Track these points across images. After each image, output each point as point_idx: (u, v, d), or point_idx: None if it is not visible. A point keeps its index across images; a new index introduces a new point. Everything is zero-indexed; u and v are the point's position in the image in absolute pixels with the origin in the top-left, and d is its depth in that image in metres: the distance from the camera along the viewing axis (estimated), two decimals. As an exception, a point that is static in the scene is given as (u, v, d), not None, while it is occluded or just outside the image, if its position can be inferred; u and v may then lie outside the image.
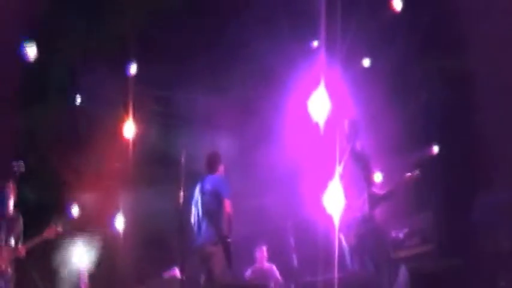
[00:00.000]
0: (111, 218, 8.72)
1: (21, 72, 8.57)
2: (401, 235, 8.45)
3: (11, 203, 7.51)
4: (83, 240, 8.70)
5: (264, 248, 9.37)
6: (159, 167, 9.31)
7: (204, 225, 7.38)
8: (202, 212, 7.42)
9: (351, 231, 6.89)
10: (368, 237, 6.85)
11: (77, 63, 8.97)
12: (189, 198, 7.46)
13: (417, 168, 6.99)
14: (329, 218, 7.11)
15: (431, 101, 8.97)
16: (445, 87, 8.65)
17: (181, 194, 6.73)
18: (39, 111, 9.16)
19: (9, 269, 7.36)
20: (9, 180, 7.51)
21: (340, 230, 6.82)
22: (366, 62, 9.29)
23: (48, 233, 7.52)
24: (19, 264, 7.49)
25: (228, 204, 7.30)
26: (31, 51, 8.46)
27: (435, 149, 8.98)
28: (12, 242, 7.43)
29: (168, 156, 8.26)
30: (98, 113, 9.46)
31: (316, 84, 8.24)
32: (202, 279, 7.45)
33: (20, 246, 7.44)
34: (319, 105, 8.26)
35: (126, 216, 9.55)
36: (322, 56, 8.14)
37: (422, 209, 8.68)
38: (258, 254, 9.37)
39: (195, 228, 7.52)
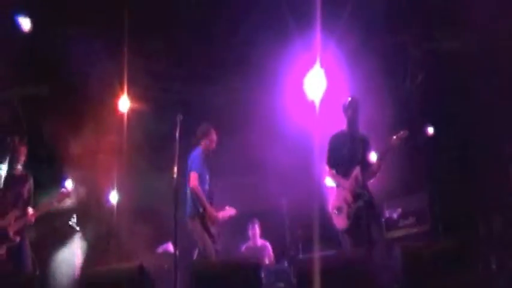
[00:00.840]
0: (106, 193, 8.60)
1: (15, 44, 8.44)
2: (395, 215, 8.49)
3: (20, 161, 7.14)
4: (77, 216, 8.57)
5: (257, 225, 9.41)
6: (154, 141, 9.33)
7: (186, 200, 7.34)
8: (186, 186, 7.36)
9: (342, 212, 6.87)
10: (361, 216, 6.80)
11: (71, 35, 8.78)
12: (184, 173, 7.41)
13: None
14: (323, 196, 7.36)
15: (427, 82, 8.93)
16: (442, 68, 8.61)
17: (175, 168, 6.55)
18: (33, 83, 9.11)
19: (17, 237, 6.95)
20: (18, 136, 7.23)
21: (332, 211, 6.91)
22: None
23: (59, 200, 7.13)
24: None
25: (191, 178, 7.12)
26: (25, 23, 8.29)
27: (430, 130, 8.96)
28: (21, 205, 7.02)
29: (163, 131, 8.14)
30: (92, 87, 9.33)
31: (312, 62, 8.47)
32: (196, 254, 7.51)
33: (29, 210, 7.02)
34: (315, 83, 8.53)
35: (120, 191, 9.65)
36: (318, 34, 8.16)
37: (417, 189, 8.70)
38: (250, 231, 9.44)
39: None
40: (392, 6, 8.48)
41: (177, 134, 6.58)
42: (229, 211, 7.42)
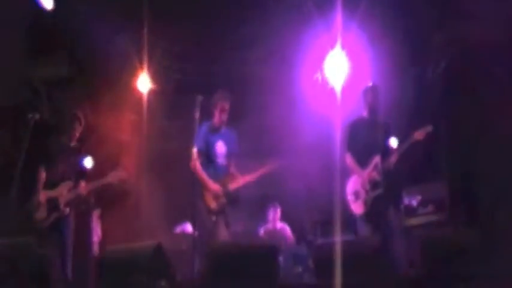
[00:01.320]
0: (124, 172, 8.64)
1: (35, 22, 8.48)
2: (414, 202, 8.38)
3: (77, 133, 7.12)
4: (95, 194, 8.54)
5: (279, 209, 9.35)
6: (174, 121, 9.31)
7: None
8: None
9: (359, 198, 6.89)
10: (380, 204, 6.83)
11: (90, 14, 8.76)
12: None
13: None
14: (342, 181, 7.33)
15: (450, 69, 8.82)
16: (465, 57, 8.49)
17: (195, 150, 6.50)
18: (54, 62, 9.12)
19: (67, 209, 6.92)
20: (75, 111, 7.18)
21: (348, 197, 6.96)
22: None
23: (113, 177, 7.04)
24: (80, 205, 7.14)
25: (192, 154, 6.69)
26: (47, 1, 8.22)
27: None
28: (73, 178, 6.98)
29: (182, 111, 8.05)
30: (112, 66, 9.34)
31: (332, 45, 8.45)
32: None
33: (81, 183, 6.97)
34: (336, 68, 8.51)
35: (138, 171, 9.46)
36: (338, 16, 8.07)
37: (437, 177, 8.65)
38: (271, 214, 9.35)
39: None
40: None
41: (197, 116, 6.50)
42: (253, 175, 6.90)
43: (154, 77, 9.26)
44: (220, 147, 6.86)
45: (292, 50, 8.90)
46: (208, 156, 6.76)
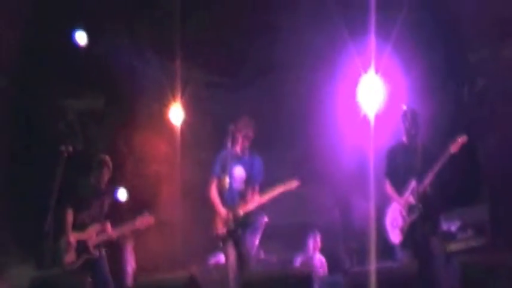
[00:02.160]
0: (158, 203, 8.59)
1: (70, 57, 8.57)
2: (453, 228, 8.23)
3: (106, 177, 7.18)
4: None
5: (318, 237, 9.11)
6: (208, 151, 9.05)
7: None
8: None
9: (397, 226, 6.72)
10: (417, 230, 6.65)
11: (123, 45, 8.92)
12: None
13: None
14: (377, 207, 7.23)
15: (487, 88, 8.59)
16: (501, 76, 8.28)
17: (227, 179, 6.44)
18: (88, 94, 9.23)
19: (97, 252, 6.99)
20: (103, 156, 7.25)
21: (386, 224, 6.77)
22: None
23: (140, 223, 7.08)
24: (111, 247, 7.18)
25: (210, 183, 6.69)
26: (81, 37, 8.43)
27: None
28: (102, 219, 7.05)
29: (216, 140, 8.10)
30: (145, 97, 9.43)
31: (365, 69, 8.28)
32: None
33: (108, 227, 7.05)
34: (370, 92, 8.36)
35: (172, 200, 9.48)
36: (372, 38, 7.94)
37: (476, 201, 8.42)
38: (311, 243, 9.13)
39: None
40: (454, 10, 8.26)
41: (228, 144, 6.45)
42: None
43: (188, 108, 9.35)
44: (239, 173, 6.70)
45: (325, 75, 8.82)
46: (226, 181, 6.60)
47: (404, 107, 6.87)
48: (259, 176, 6.71)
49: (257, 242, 7.21)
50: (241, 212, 6.51)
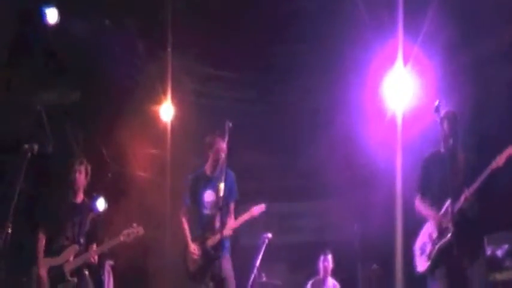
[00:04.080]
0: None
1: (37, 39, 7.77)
2: (499, 253, 7.43)
3: (80, 185, 6.49)
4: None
5: (330, 257, 8.55)
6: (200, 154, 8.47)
7: None
8: None
9: (425, 251, 6.10)
10: (449, 254, 5.81)
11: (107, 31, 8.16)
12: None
13: None
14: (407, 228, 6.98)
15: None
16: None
17: (222, 185, 5.87)
18: (61, 85, 8.35)
19: (74, 278, 6.31)
20: (79, 156, 6.80)
21: (414, 249, 6.19)
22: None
23: (127, 236, 6.47)
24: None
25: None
26: (52, 14, 7.50)
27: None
28: (82, 241, 6.42)
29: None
30: (131, 92, 8.72)
31: (392, 62, 7.72)
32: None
33: (92, 247, 6.42)
34: (397, 88, 7.74)
35: (160, 212, 8.87)
36: (399, 28, 7.49)
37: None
38: (322, 263, 8.55)
39: None
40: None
41: (225, 145, 5.94)
42: (251, 213, 6.60)
43: (181, 104, 8.82)
44: (208, 197, 6.57)
45: (347, 74, 8.22)
46: (196, 208, 6.57)
47: (440, 108, 6.02)
48: (232, 196, 6.55)
49: (258, 263, 7.32)
50: (210, 243, 6.42)
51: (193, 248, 6.41)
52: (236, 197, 6.55)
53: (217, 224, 6.35)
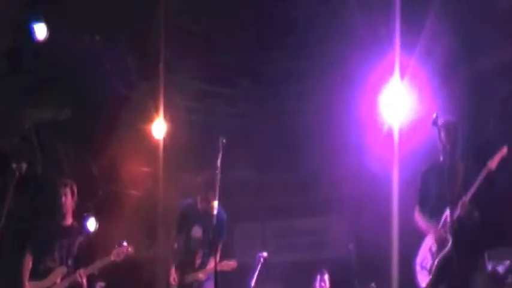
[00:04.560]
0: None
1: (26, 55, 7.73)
2: (501, 269, 7.19)
3: (67, 208, 6.39)
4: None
5: (326, 277, 8.31)
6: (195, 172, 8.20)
7: None
8: None
9: (425, 266, 5.97)
10: (448, 267, 5.66)
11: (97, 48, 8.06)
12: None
13: None
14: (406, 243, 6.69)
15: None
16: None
17: (215, 203, 5.63)
18: (50, 103, 8.28)
19: None
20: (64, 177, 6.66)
21: (415, 264, 6.04)
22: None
23: (116, 255, 6.34)
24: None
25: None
26: (40, 30, 7.38)
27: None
28: (70, 262, 6.33)
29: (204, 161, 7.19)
30: (123, 109, 8.61)
31: (389, 76, 7.62)
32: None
33: (80, 271, 6.26)
34: (393, 102, 7.61)
35: (152, 232, 8.83)
36: (396, 41, 7.47)
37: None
38: (318, 284, 8.32)
39: None
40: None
41: (219, 162, 5.55)
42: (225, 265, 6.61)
43: (173, 121, 8.71)
44: (196, 233, 6.58)
45: (338, 84, 8.24)
46: (182, 238, 6.62)
47: (439, 118, 5.88)
48: (220, 237, 6.48)
49: (253, 283, 7.16)
50: (187, 279, 6.48)
51: (173, 278, 6.44)
52: (224, 238, 6.51)
53: (198, 262, 6.44)
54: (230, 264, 6.52)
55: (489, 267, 7.09)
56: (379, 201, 7.67)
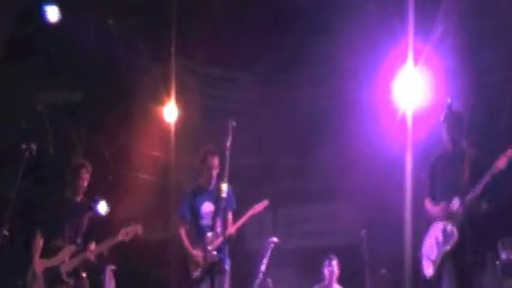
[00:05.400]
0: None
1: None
2: None
3: (81, 188, 6.39)
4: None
5: (335, 262, 8.21)
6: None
7: None
8: None
9: (431, 255, 5.90)
10: (456, 257, 5.66)
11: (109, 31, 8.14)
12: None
13: None
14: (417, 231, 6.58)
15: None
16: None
17: (224, 186, 5.59)
18: (63, 85, 8.26)
19: (71, 279, 6.22)
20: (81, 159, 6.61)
21: (422, 253, 6.00)
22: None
23: (125, 234, 6.33)
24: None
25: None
26: (53, 12, 7.47)
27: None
28: (79, 241, 6.33)
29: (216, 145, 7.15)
30: (135, 93, 8.62)
31: (402, 62, 7.53)
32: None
33: (90, 247, 6.31)
34: (407, 89, 7.56)
35: (164, 215, 8.75)
36: (410, 28, 7.38)
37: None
38: (327, 269, 8.20)
39: None
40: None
41: (228, 144, 5.49)
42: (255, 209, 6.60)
43: (185, 105, 8.73)
44: (207, 208, 6.58)
45: (355, 71, 8.10)
46: (193, 219, 6.58)
47: (453, 109, 6.01)
48: (229, 207, 6.54)
49: (263, 268, 7.19)
50: (211, 248, 6.31)
51: (196, 252, 6.41)
52: (234, 208, 6.55)
53: (218, 229, 6.38)
54: (261, 205, 6.51)
55: (503, 256, 6.93)
56: (392, 187, 7.58)
